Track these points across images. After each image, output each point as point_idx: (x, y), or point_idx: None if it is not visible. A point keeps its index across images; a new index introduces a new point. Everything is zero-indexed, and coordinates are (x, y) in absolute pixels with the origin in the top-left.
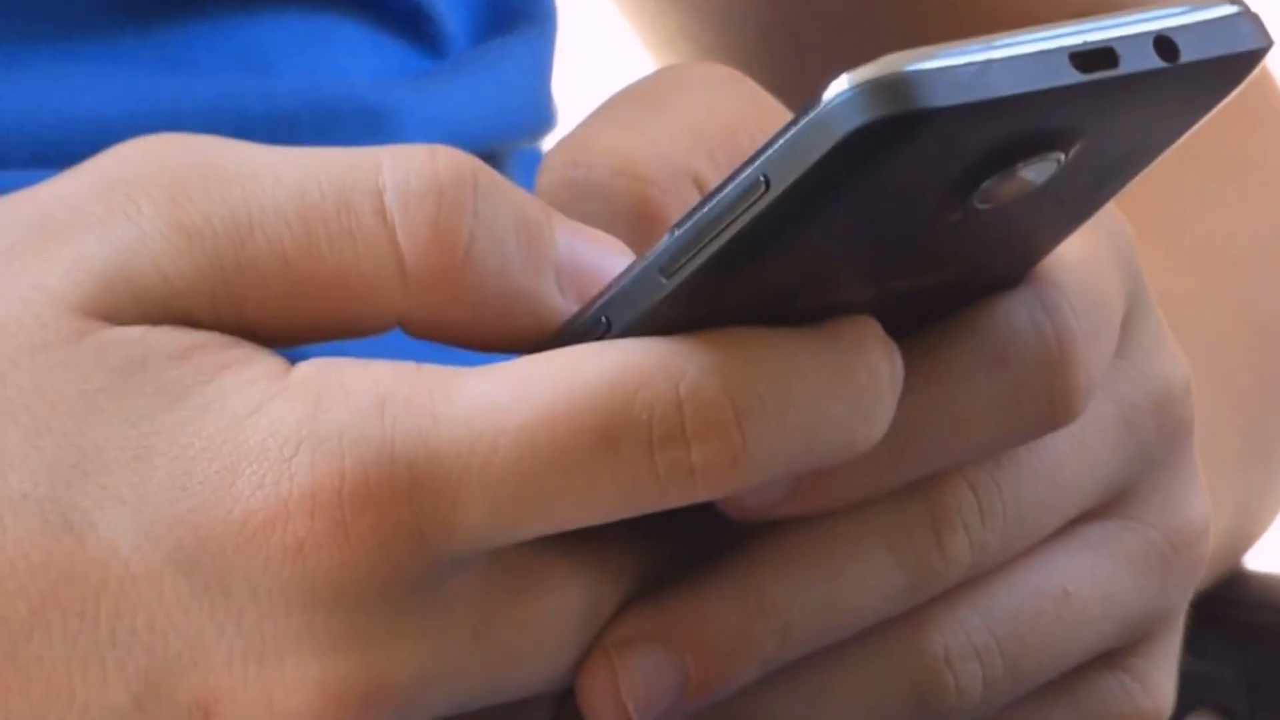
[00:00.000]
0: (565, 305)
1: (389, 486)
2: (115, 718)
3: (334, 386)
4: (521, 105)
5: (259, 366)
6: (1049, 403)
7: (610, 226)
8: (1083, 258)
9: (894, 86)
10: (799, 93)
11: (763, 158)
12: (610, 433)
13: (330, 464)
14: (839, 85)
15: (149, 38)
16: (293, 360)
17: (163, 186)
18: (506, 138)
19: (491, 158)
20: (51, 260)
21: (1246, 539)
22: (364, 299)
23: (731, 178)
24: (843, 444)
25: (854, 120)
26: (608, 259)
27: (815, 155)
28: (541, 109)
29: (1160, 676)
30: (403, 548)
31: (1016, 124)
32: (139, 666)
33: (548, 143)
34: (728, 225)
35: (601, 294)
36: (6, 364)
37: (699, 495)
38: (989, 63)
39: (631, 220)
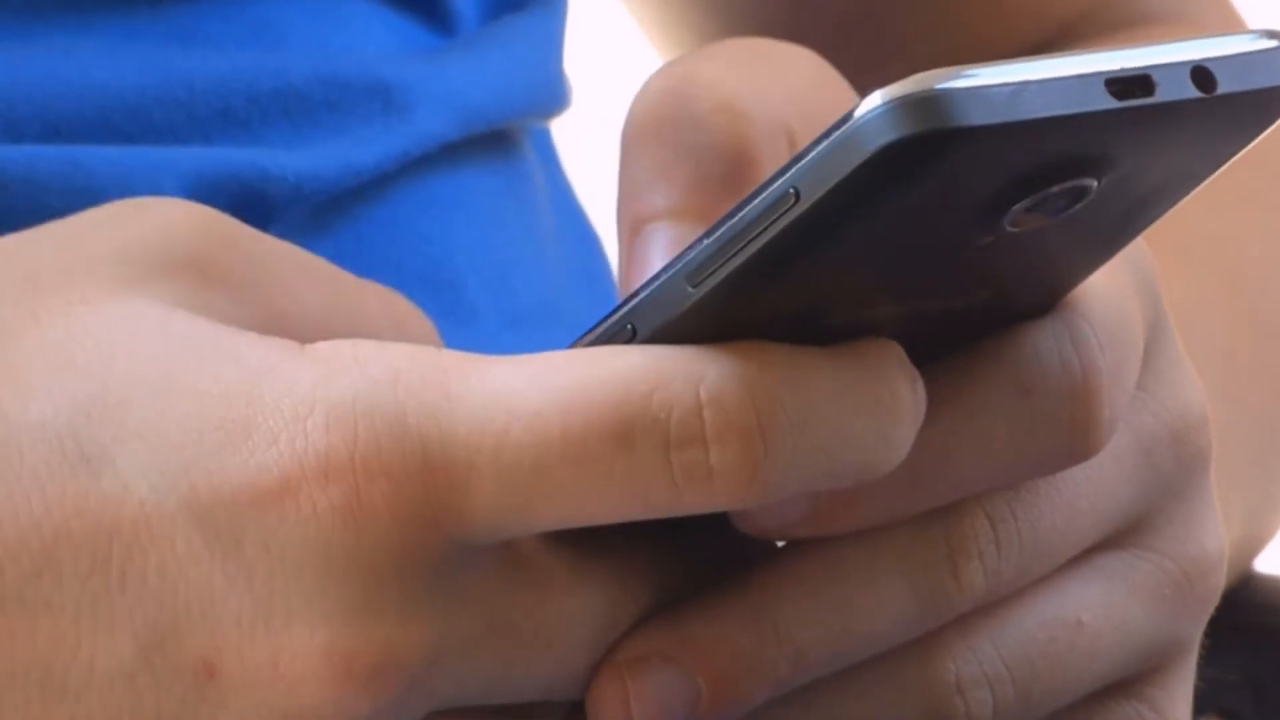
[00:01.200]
0: None
1: (400, 458)
2: (121, 671)
3: (349, 357)
4: (533, 82)
5: (275, 339)
6: (1071, 437)
7: (706, 160)
8: (1109, 288)
9: (927, 104)
10: None
11: (793, 170)
12: (626, 428)
13: (343, 428)
14: (872, 101)
15: (161, 12)
16: None
17: (194, 216)
18: (518, 115)
19: (505, 134)
20: (90, 245)
21: (1256, 545)
22: None
23: (761, 189)
24: (862, 465)
25: (885, 136)
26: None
27: (846, 169)
28: (554, 87)
29: (1176, 706)
30: (415, 525)
31: (1049, 147)
32: (148, 617)
33: (557, 124)
34: (756, 236)
35: (628, 300)
36: (41, 309)
37: (717, 501)
38: (1024, 84)
39: (727, 157)
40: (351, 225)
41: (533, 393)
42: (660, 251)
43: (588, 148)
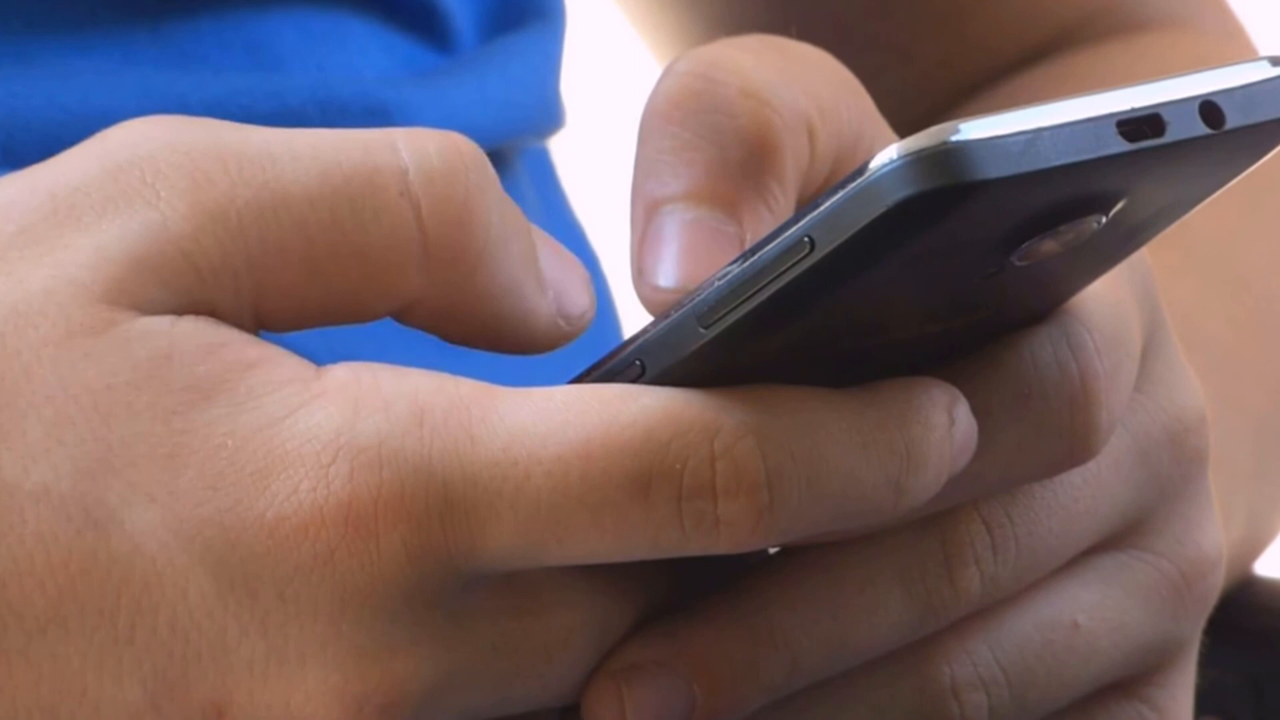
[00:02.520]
0: (548, 306)
1: (423, 503)
2: (127, 715)
3: (371, 393)
4: (530, 103)
5: (289, 367)
6: (1069, 440)
7: (729, 144)
8: (1106, 293)
9: (943, 158)
10: None
11: (807, 219)
12: (643, 478)
13: (368, 475)
14: (888, 154)
15: (159, 33)
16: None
17: (179, 168)
18: (515, 135)
19: (499, 155)
20: (71, 248)
21: (1257, 547)
22: (383, 280)
23: (774, 235)
24: (869, 512)
25: (902, 191)
26: (571, 273)
27: (861, 221)
28: (550, 107)
29: (1177, 706)
30: (430, 563)
31: (1061, 190)
32: (156, 665)
33: (555, 142)
34: (769, 282)
35: (636, 337)
36: (30, 357)
37: (720, 547)
38: (1038, 132)
39: (750, 141)
40: None
41: (553, 437)
42: (674, 234)
43: (585, 162)
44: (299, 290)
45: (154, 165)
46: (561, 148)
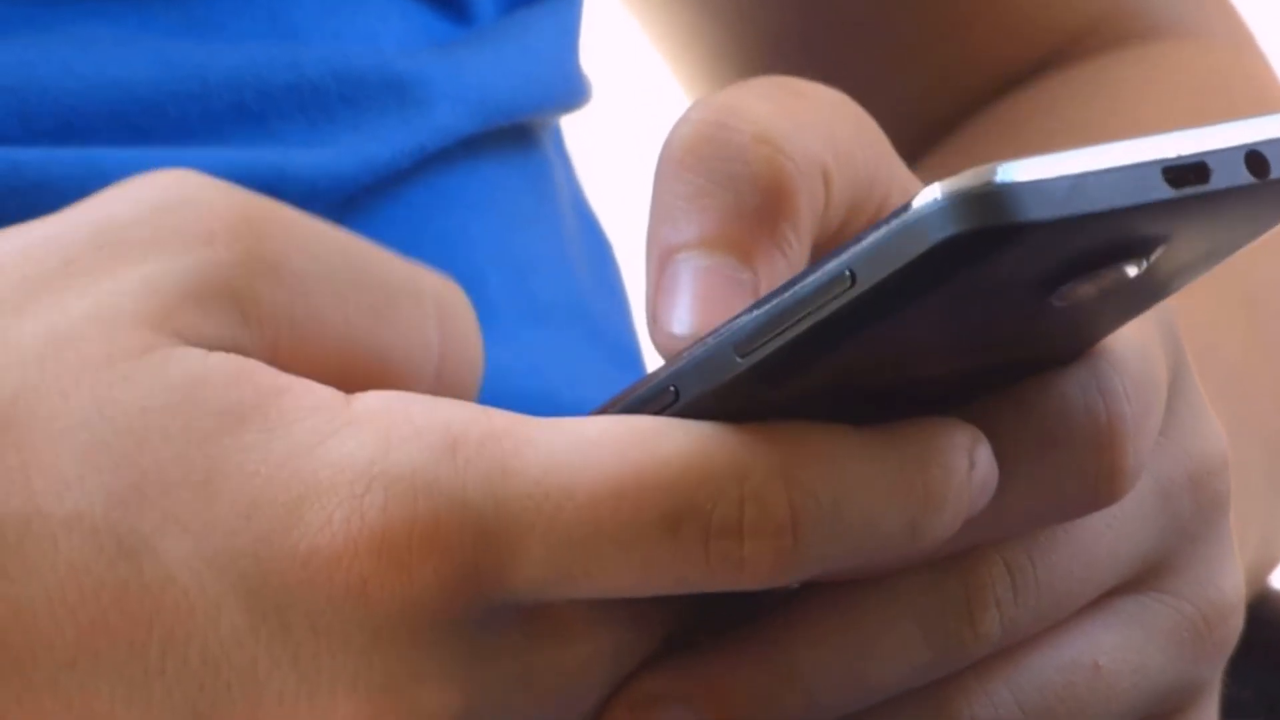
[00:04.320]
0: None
1: (457, 535)
2: None
3: (403, 423)
4: (550, 76)
5: (319, 394)
6: (1095, 484)
7: (744, 190)
8: (1135, 336)
9: (987, 199)
10: None
11: (849, 252)
12: (673, 516)
13: (403, 506)
14: (932, 193)
15: (175, 0)
16: None
17: (235, 211)
18: (537, 109)
19: (523, 130)
20: (118, 278)
21: (1269, 566)
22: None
23: (816, 267)
24: (889, 550)
25: (945, 230)
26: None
27: (903, 259)
28: (572, 80)
29: None
30: (461, 594)
31: (1104, 234)
32: (187, 697)
33: (568, 123)
34: (809, 314)
35: (672, 362)
36: (69, 381)
37: (741, 584)
38: (1083, 176)
39: (764, 188)
40: (368, 224)
41: (587, 471)
42: (689, 282)
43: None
44: (318, 367)
45: (210, 208)
46: (572, 136)
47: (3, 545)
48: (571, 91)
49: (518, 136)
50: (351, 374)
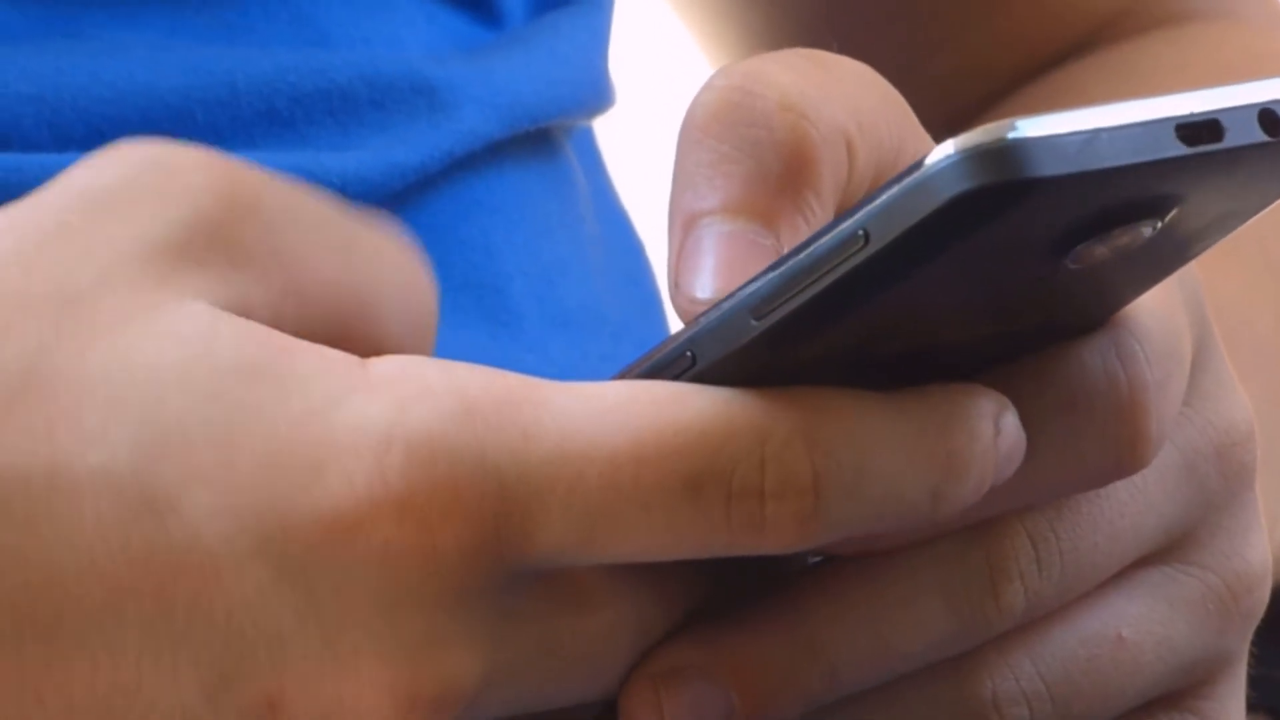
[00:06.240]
0: None
1: (478, 500)
2: (183, 712)
3: (417, 385)
4: (578, 80)
5: (326, 354)
6: (1118, 452)
7: (767, 156)
8: (1157, 304)
9: (1000, 155)
10: None
11: (862, 211)
12: (695, 479)
13: (423, 469)
14: (944, 149)
15: (206, 5)
16: None
17: (209, 167)
18: (563, 113)
19: (547, 135)
20: (115, 239)
21: None
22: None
23: (829, 228)
24: (911, 516)
25: (958, 186)
26: None
27: (917, 216)
28: (599, 85)
29: (1228, 718)
30: (483, 559)
31: (1117, 192)
32: (213, 657)
33: (599, 123)
34: (823, 274)
35: (689, 327)
36: (85, 339)
37: (764, 548)
38: (1096, 132)
39: (787, 155)
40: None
41: (607, 436)
42: (711, 247)
43: (630, 150)
44: (310, 307)
45: (181, 166)
46: (605, 134)
47: (31, 501)
48: (597, 95)
49: (540, 141)
50: (337, 315)
